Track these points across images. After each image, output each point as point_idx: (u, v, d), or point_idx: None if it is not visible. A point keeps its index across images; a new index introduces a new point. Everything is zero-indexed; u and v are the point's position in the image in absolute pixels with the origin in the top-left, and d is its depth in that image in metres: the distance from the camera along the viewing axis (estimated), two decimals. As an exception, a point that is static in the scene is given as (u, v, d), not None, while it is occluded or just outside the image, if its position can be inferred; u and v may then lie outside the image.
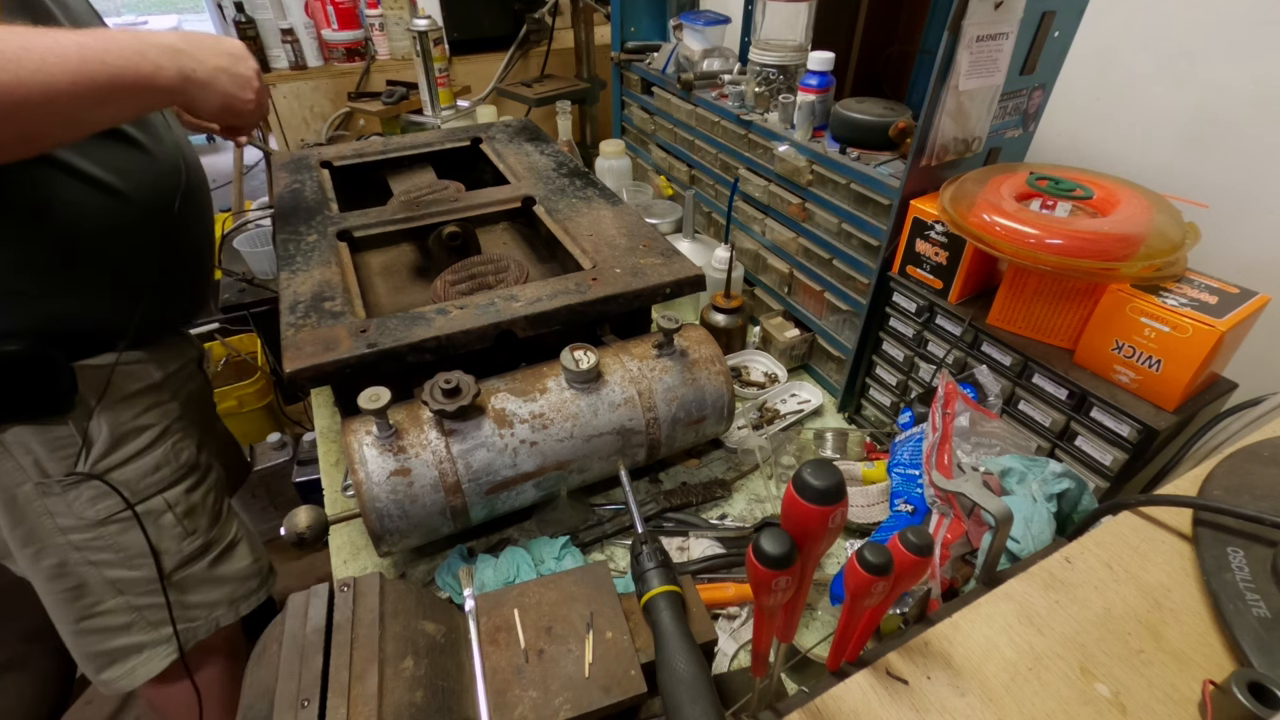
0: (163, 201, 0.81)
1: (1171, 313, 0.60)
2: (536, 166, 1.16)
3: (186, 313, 0.97)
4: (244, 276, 1.51)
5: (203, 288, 0.98)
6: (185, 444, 0.92)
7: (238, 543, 1.00)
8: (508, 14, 1.94)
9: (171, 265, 0.85)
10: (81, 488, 0.81)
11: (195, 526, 0.92)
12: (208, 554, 0.94)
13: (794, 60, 1.01)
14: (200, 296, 0.98)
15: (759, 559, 0.35)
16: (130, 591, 0.87)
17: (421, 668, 0.48)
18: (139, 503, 0.85)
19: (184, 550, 0.91)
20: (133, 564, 0.86)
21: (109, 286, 0.79)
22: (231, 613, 0.98)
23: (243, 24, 1.81)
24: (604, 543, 0.80)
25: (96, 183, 0.74)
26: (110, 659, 0.90)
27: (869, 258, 0.87)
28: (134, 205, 0.78)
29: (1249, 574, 0.44)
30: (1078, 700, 0.40)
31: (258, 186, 3.35)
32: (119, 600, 0.87)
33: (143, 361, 0.86)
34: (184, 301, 0.94)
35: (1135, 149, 0.89)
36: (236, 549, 0.99)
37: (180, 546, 0.90)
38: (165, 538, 0.88)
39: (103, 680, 0.91)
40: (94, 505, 0.83)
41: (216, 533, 0.96)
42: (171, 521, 0.89)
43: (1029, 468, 0.61)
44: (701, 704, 0.46)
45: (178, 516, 0.90)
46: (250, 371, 1.76)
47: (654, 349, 0.79)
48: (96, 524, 0.83)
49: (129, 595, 0.88)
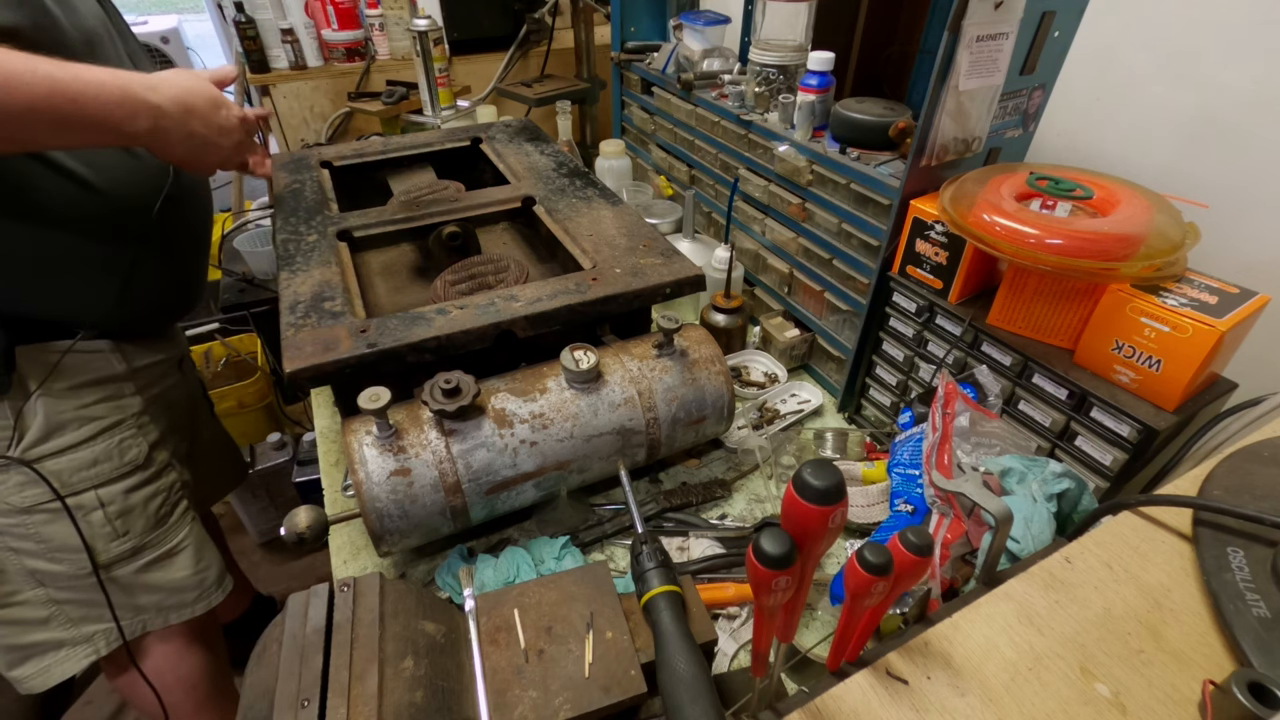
0: (143, 201, 0.81)
1: (1171, 313, 0.60)
2: (536, 166, 1.16)
3: (168, 311, 0.96)
4: (244, 276, 1.51)
5: (190, 290, 0.97)
6: (135, 442, 0.89)
7: (179, 551, 0.96)
8: (508, 14, 1.94)
9: (150, 264, 0.85)
10: (10, 471, 0.79)
11: (128, 528, 0.89)
12: (138, 558, 0.91)
13: (794, 60, 1.01)
14: (187, 298, 0.97)
15: (759, 559, 0.35)
16: (51, 585, 0.85)
17: (421, 668, 0.48)
18: (68, 495, 0.83)
19: (110, 551, 0.88)
20: (54, 557, 0.84)
21: (70, 276, 0.78)
22: (160, 619, 0.95)
23: (243, 24, 1.81)
24: (604, 543, 0.80)
25: (70, 174, 0.74)
26: (25, 654, 0.88)
27: (869, 258, 0.87)
28: (108, 201, 0.78)
29: (1249, 574, 0.44)
30: (1078, 700, 0.40)
31: (258, 186, 3.35)
32: (38, 592, 0.85)
33: (104, 352, 0.85)
34: (165, 300, 0.93)
35: (1135, 149, 0.89)
36: (176, 558, 0.96)
37: (108, 546, 0.87)
38: (93, 535, 0.85)
39: (15, 678, 0.89)
40: (20, 491, 0.80)
41: (154, 538, 0.93)
42: (101, 520, 0.86)
43: (1029, 468, 0.61)
44: (701, 704, 0.46)
45: (109, 516, 0.87)
46: (250, 371, 1.76)
47: (654, 349, 0.79)
48: (20, 511, 0.81)
49: (49, 588, 0.85)
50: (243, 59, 1.84)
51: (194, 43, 3.41)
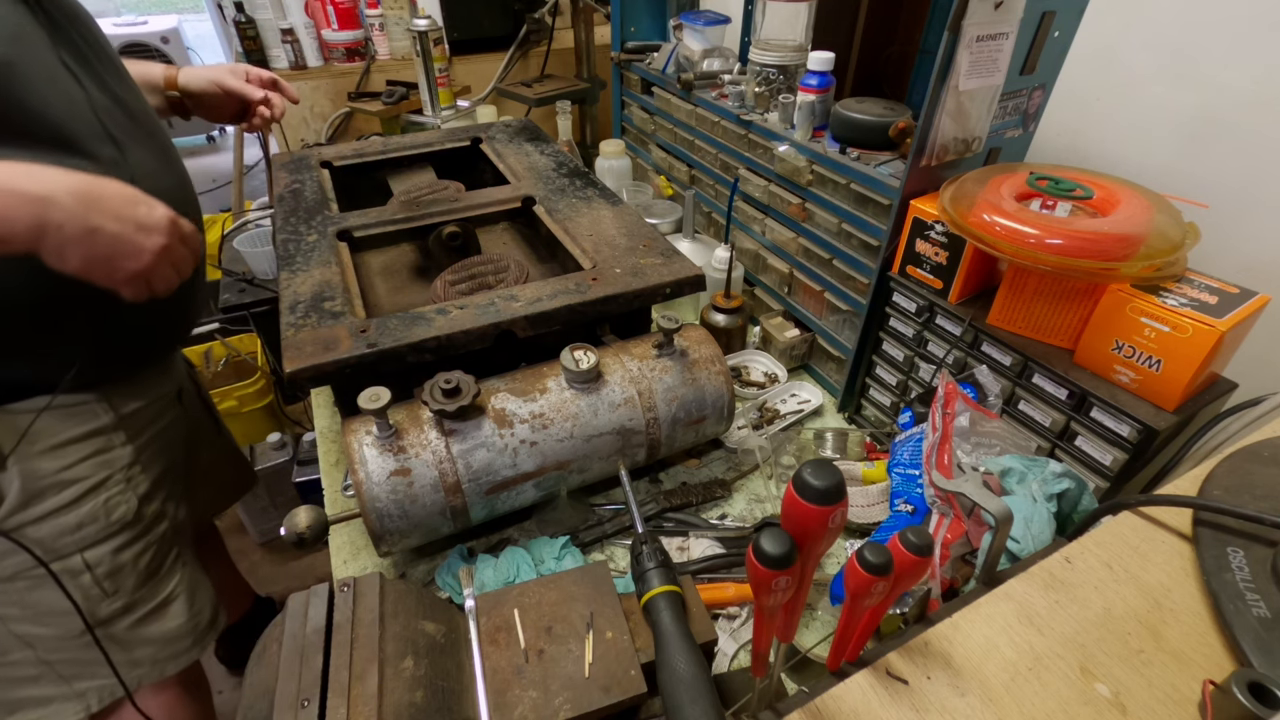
0: None
1: (1171, 313, 0.60)
2: (536, 166, 1.16)
3: (161, 344, 0.90)
4: (244, 276, 1.51)
5: (183, 316, 0.89)
6: (125, 497, 0.83)
7: (173, 600, 0.90)
8: (508, 14, 1.94)
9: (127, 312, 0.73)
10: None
11: (117, 587, 0.83)
12: (129, 615, 0.85)
13: (794, 60, 1.01)
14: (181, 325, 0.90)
15: (759, 559, 0.35)
16: (39, 647, 0.80)
17: (421, 668, 0.48)
18: (53, 561, 0.77)
19: (100, 612, 0.82)
20: (42, 621, 0.79)
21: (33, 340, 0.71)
22: (155, 672, 0.89)
23: (243, 24, 1.81)
24: (604, 543, 0.80)
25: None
26: (12, 708, 0.83)
27: (869, 258, 0.87)
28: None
29: (1249, 574, 0.44)
30: (1078, 700, 0.40)
31: (258, 186, 3.35)
32: (26, 654, 0.80)
33: (89, 404, 0.78)
34: (153, 336, 0.86)
35: (1135, 149, 0.89)
36: (170, 608, 0.90)
37: (96, 608, 0.82)
38: (81, 598, 0.79)
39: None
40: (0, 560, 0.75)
41: (146, 592, 0.87)
42: (90, 583, 0.81)
43: (1029, 468, 0.61)
44: (701, 704, 0.46)
45: (97, 578, 0.81)
46: (250, 371, 1.76)
47: (654, 349, 0.79)
48: (2, 579, 0.76)
49: (37, 650, 0.81)
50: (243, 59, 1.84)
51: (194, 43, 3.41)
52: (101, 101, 0.73)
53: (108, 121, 0.73)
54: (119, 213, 0.61)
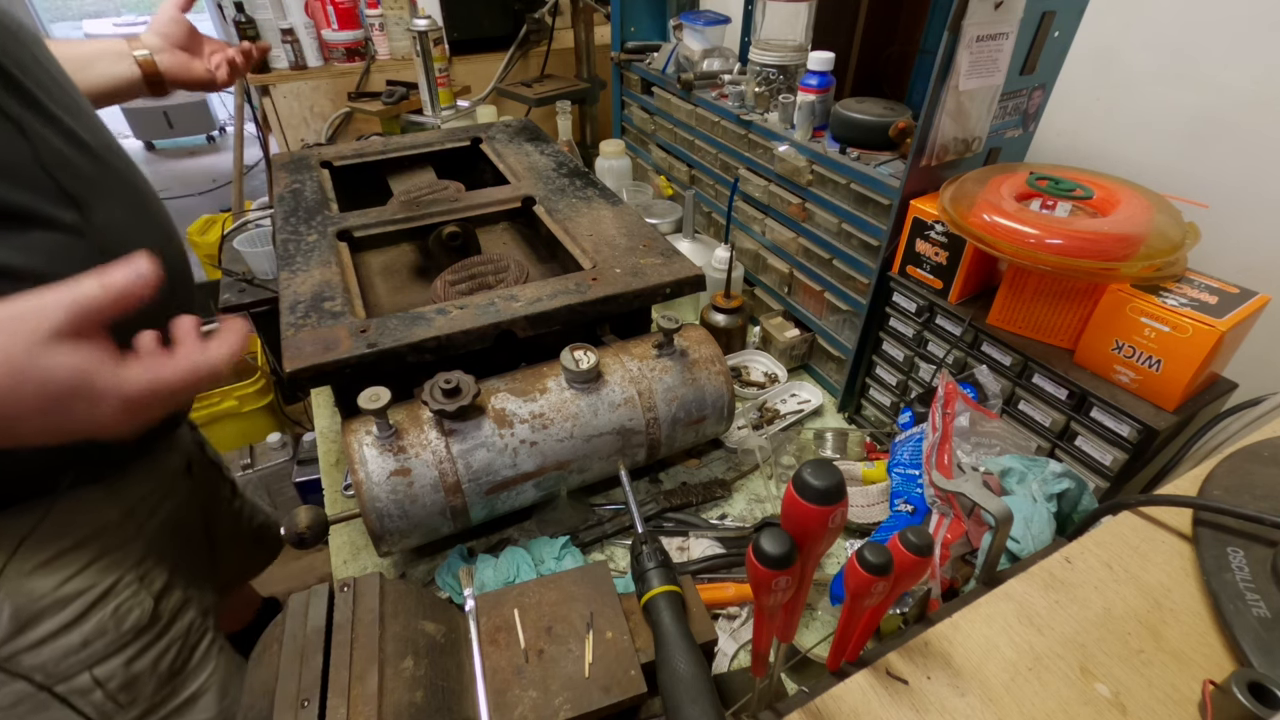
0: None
1: (1171, 313, 0.60)
2: (536, 166, 1.16)
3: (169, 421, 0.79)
4: (244, 276, 1.51)
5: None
6: (138, 600, 0.73)
7: (201, 694, 0.80)
8: (508, 14, 1.94)
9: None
10: None
11: (134, 697, 0.74)
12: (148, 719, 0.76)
13: (794, 60, 1.01)
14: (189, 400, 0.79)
15: (759, 559, 0.35)
16: None
17: (421, 668, 0.48)
18: (58, 684, 0.68)
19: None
20: None
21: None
22: None
23: (243, 24, 1.81)
24: (604, 543, 0.80)
25: None
26: None
27: (869, 258, 0.87)
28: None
29: (1249, 574, 0.44)
30: (1078, 700, 0.40)
31: (258, 186, 3.35)
32: None
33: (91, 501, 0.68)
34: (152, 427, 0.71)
35: (1135, 149, 0.89)
36: (198, 702, 0.80)
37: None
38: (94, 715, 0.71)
39: None
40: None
41: (169, 692, 0.77)
42: (102, 699, 0.71)
43: (1029, 468, 0.61)
44: (701, 704, 0.46)
45: (110, 693, 0.72)
46: (250, 371, 1.76)
47: (654, 349, 0.79)
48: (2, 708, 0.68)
49: None
50: (243, 59, 1.83)
51: (194, 43, 3.37)
52: (55, 153, 0.59)
53: (63, 177, 0.59)
54: (43, 408, 0.44)
